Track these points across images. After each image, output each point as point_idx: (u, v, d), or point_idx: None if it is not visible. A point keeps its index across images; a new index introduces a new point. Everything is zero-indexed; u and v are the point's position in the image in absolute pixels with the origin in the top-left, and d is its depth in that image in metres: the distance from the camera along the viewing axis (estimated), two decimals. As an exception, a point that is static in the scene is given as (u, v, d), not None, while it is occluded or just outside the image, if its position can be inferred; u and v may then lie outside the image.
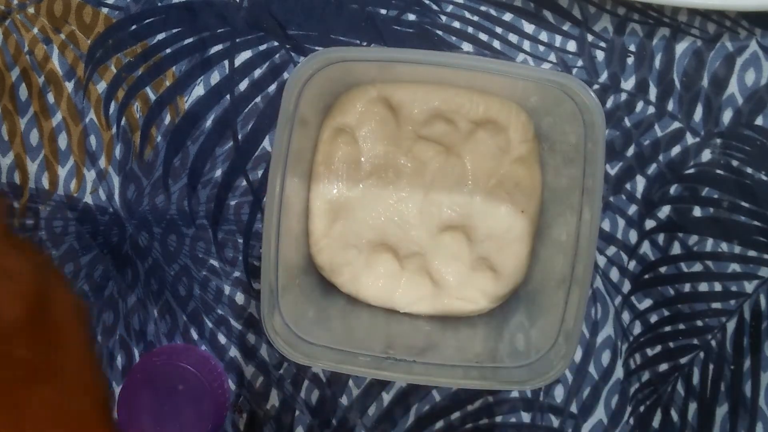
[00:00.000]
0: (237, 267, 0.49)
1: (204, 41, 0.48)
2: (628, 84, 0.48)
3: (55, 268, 0.36)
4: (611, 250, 0.48)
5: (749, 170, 0.48)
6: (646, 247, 0.48)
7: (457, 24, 0.48)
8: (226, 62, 0.48)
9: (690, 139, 0.48)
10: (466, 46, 0.48)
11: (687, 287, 0.48)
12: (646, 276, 0.48)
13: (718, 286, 0.48)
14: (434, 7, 0.48)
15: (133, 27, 0.48)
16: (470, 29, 0.48)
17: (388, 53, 0.44)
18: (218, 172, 0.48)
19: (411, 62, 0.40)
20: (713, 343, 0.48)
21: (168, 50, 0.48)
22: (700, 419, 0.48)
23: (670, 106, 0.48)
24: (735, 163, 0.48)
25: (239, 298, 0.49)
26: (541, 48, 0.48)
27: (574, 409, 0.49)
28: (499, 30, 0.48)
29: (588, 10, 0.48)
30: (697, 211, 0.48)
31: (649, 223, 0.48)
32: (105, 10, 0.48)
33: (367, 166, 0.45)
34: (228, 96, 0.48)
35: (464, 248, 0.46)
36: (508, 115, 0.44)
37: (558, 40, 0.48)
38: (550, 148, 0.45)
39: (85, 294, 0.49)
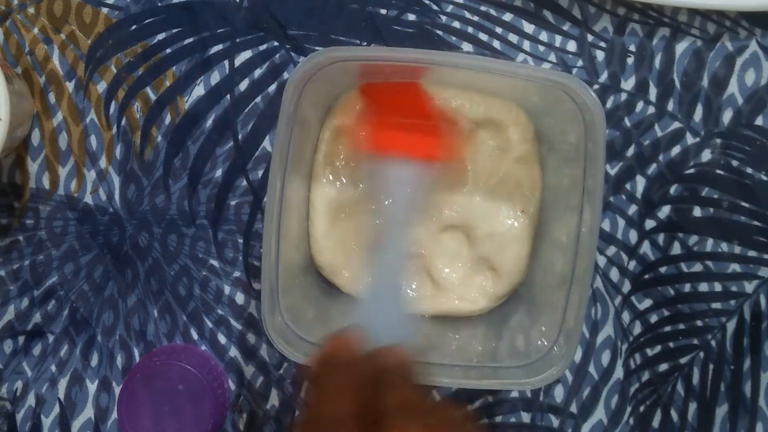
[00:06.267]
0: (237, 267, 0.49)
1: (204, 41, 0.48)
2: (628, 84, 0.48)
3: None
4: (611, 250, 0.48)
5: (749, 170, 0.48)
6: (646, 247, 0.48)
7: (457, 24, 0.48)
8: (226, 62, 0.48)
9: (690, 139, 0.48)
10: (466, 46, 0.48)
11: (687, 287, 0.48)
12: (646, 276, 0.48)
13: (718, 286, 0.48)
14: (434, 7, 0.48)
15: (133, 27, 0.48)
16: (470, 29, 0.48)
17: (388, 53, 0.44)
18: (218, 172, 0.48)
19: (411, 62, 0.40)
20: (713, 343, 0.48)
21: (168, 50, 0.48)
22: (700, 419, 0.48)
23: (670, 106, 0.48)
24: (735, 163, 0.48)
25: (239, 298, 0.49)
26: (541, 48, 0.48)
27: (574, 409, 0.49)
28: (499, 30, 0.48)
29: (588, 10, 0.48)
30: (697, 211, 0.48)
31: (649, 223, 0.48)
32: (105, 10, 0.48)
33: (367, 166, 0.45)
34: (228, 96, 0.48)
35: (464, 248, 0.46)
36: (508, 115, 0.44)
37: (558, 40, 0.48)
38: (550, 148, 0.45)
39: (85, 294, 0.49)
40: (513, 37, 0.48)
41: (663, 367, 0.48)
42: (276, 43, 0.48)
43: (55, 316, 0.49)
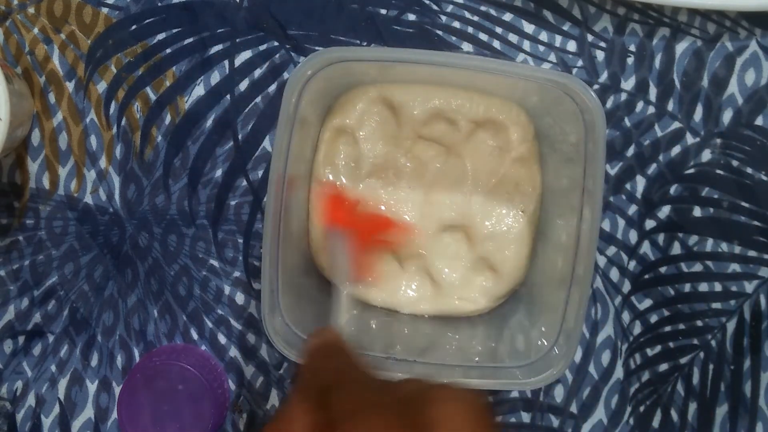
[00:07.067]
0: (237, 267, 0.49)
1: (204, 41, 0.48)
2: (628, 84, 0.48)
3: None
4: (611, 250, 0.48)
5: (749, 170, 0.48)
6: (646, 247, 0.48)
7: (457, 24, 0.48)
8: (226, 62, 0.48)
9: (690, 139, 0.48)
10: (466, 46, 0.48)
11: (687, 287, 0.48)
12: (646, 276, 0.48)
13: (718, 286, 0.48)
14: (434, 7, 0.48)
15: (133, 27, 0.48)
16: (470, 29, 0.48)
17: (388, 53, 0.44)
18: (218, 172, 0.48)
19: (411, 62, 0.40)
20: (713, 343, 0.48)
21: (168, 50, 0.48)
22: (700, 419, 0.48)
23: (670, 106, 0.48)
24: (735, 163, 0.48)
25: (239, 298, 0.49)
26: (541, 48, 0.48)
27: (574, 409, 0.49)
28: (499, 30, 0.48)
29: (588, 10, 0.48)
30: (697, 211, 0.48)
31: (649, 223, 0.48)
32: (105, 10, 0.48)
33: (367, 166, 0.45)
34: (228, 96, 0.48)
35: (464, 248, 0.46)
36: (508, 115, 0.44)
37: (558, 40, 0.48)
38: (550, 148, 0.45)
39: (85, 294, 0.49)
40: (513, 37, 0.48)
41: (663, 367, 0.48)
42: (276, 43, 0.48)
43: (55, 316, 0.49)
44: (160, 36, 0.48)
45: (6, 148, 0.43)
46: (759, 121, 0.48)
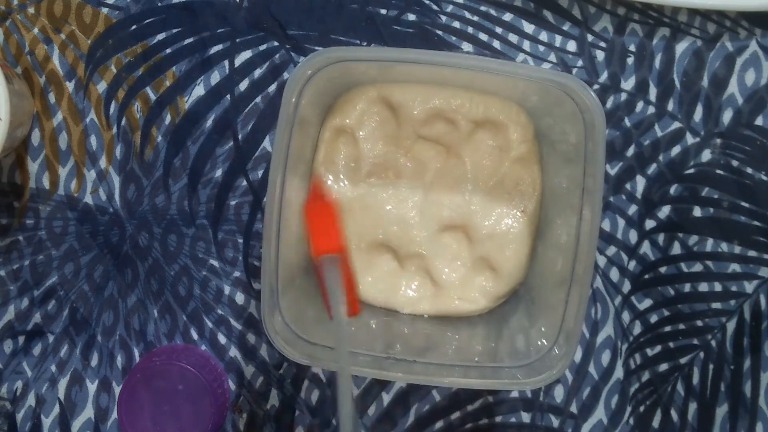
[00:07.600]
0: (237, 267, 0.49)
1: (204, 41, 0.48)
2: (628, 84, 0.48)
3: None
4: (611, 250, 0.48)
5: (749, 170, 0.48)
6: (646, 247, 0.48)
7: (457, 24, 0.48)
8: (226, 62, 0.48)
9: (690, 139, 0.48)
10: (466, 46, 0.48)
11: (687, 287, 0.48)
12: (646, 276, 0.48)
13: (718, 286, 0.48)
14: (434, 7, 0.48)
15: (133, 27, 0.48)
16: (470, 29, 0.48)
17: (388, 53, 0.44)
18: (218, 172, 0.48)
19: (411, 62, 0.40)
20: (713, 343, 0.48)
21: (168, 50, 0.48)
22: (700, 419, 0.48)
23: (670, 106, 0.48)
24: (735, 163, 0.48)
25: (239, 298, 0.49)
26: (541, 48, 0.48)
27: (574, 409, 0.49)
28: (499, 30, 0.48)
29: (588, 10, 0.48)
30: (697, 211, 0.48)
31: (649, 223, 0.48)
32: (105, 10, 0.48)
33: (367, 166, 0.45)
34: (228, 96, 0.48)
35: (464, 248, 0.46)
36: (508, 115, 0.44)
37: (558, 40, 0.48)
38: (550, 148, 0.45)
39: (85, 294, 0.49)
40: (513, 37, 0.48)
41: (663, 367, 0.48)
42: (276, 43, 0.48)
43: (55, 316, 0.49)
44: (160, 36, 0.48)
45: (6, 148, 0.43)
46: (759, 121, 0.48)
